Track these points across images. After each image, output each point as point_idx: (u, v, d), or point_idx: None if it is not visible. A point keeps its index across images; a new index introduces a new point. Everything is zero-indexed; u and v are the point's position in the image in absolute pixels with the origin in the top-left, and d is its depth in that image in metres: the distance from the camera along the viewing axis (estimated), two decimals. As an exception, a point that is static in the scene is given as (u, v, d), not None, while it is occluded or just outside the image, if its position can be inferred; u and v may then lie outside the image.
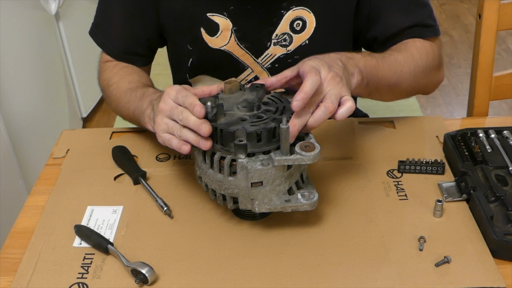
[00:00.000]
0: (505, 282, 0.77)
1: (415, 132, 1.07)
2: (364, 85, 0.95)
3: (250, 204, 0.81)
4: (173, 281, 0.80)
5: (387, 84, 1.01)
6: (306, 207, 0.82)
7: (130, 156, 1.02)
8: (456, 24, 3.36)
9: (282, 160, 0.78)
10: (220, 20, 1.06)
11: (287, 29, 1.07)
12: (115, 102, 1.08)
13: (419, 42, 1.08)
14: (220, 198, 0.83)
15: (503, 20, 1.19)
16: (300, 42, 1.08)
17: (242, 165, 0.78)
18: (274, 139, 0.79)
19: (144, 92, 1.00)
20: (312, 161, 0.78)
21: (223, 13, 1.06)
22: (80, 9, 2.37)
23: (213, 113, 0.79)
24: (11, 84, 1.81)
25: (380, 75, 0.99)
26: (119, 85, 1.08)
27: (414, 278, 0.78)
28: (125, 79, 1.08)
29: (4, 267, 0.83)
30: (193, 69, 1.14)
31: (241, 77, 1.12)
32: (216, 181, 0.81)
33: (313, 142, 0.80)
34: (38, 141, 1.94)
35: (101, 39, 1.14)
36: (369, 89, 0.98)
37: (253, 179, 0.78)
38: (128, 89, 1.05)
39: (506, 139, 0.99)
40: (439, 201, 0.87)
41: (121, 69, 1.12)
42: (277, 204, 0.81)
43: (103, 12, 1.14)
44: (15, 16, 1.87)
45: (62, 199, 0.95)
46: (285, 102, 0.84)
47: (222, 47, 1.09)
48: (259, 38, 1.08)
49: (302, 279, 0.79)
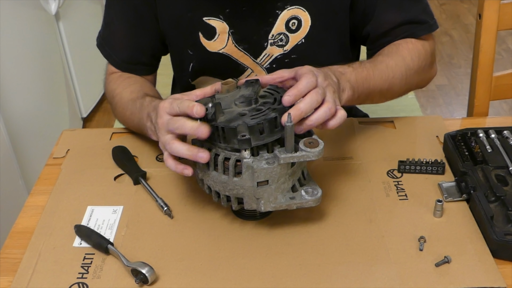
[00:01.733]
0: (505, 282, 0.77)
1: (415, 132, 1.07)
2: (355, 98, 0.97)
3: (255, 203, 0.81)
4: (173, 281, 0.80)
5: (378, 91, 1.03)
6: (311, 203, 0.82)
7: (130, 156, 1.02)
8: (456, 24, 3.36)
9: (288, 158, 0.78)
10: (216, 23, 1.06)
11: (283, 28, 1.07)
12: (120, 114, 1.09)
13: (411, 43, 1.07)
14: (224, 200, 0.83)
15: (503, 20, 1.19)
16: (296, 41, 1.08)
17: (248, 165, 0.78)
18: (277, 129, 0.78)
19: (142, 103, 0.99)
20: (317, 157, 0.78)
21: (219, 17, 1.06)
22: (80, 9, 2.37)
23: (212, 112, 0.79)
24: (11, 84, 1.81)
25: (371, 85, 1.00)
26: (122, 96, 1.08)
27: (414, 278, 0.78)
28: (127, 89, 1.08)
29: (4, 267, 0.83)
30: (194, 74, 1.14)
31: (242, 78, 1.12)
32: (220, 182, 0.81)
33: (316, 138, 0.80)
34: (38, 141, 1.93)
35: (107, 50, 1.15)
36: (360, 100, 1.01)
37: (259, 178, 0.78)
38: (130, 100, 1.05)
39: (506, 139, 0.99)
40: (439, 201, 0.87)
41: (124, 80, 1.12)
42: (282, 202, 0.81)
43: (107, 24, 1.15)
44: (15, 16, 1.87)
45: (62, 199, 0.95)
46: (282, 92, 0.83)
47: (220, 50, 1.09)
48: (256, 39, 1.08)
49: (302, 279, 0.79)
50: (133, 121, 1.03)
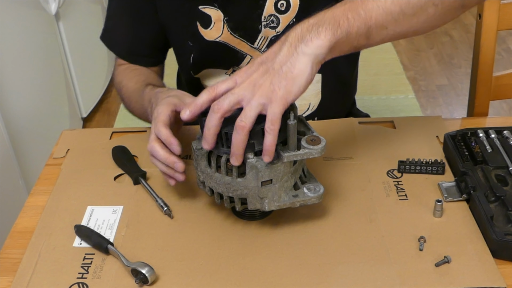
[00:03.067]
0: (505, 282, 0.77)
1: (415, 132, 1.07)
2: (344, 38, 0.76)
3: (259, 203, 0.81)
4: (173, 281, 0.80)
5: (385, 18, 0.78)
6: (314, 200, 0.82)
7: (130, 156, 1.02)
8: (456, 24, 3.36)
9: (291, 156, 0.78)
10: (212, 11, 1.07)
11: (273, 10, 1.06)
12: (127, 103, 1.13)
13: None
14: (228, 201, 0.83)
15: (503, 20, 1.19)
16: (288, 22, 1.07)
17: (252, 165, 0.78)
18: (278, 134, 0.78)
19: (144, 91, 1.03)
20: (320, 153, 0.78)
21: (214, 5, 1.06)
22: (80, 9, 2.37)
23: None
24: (11, 84, 1.81)
25: (367, 14, 0.77)
26: (128, 86, 1.11)
27: (414, 278, 0.78)
28: (133, 80, 1.11)
29: (4, 267, 0.83)
30: (195, 66, 1.15)
31: (243, 65, 1.12)
32: (223, 184, 0.81)
33: (317, 135, 0.80)
34: (38, 141, 1.94)
35: (110, 42, 1.19)
36: (360, 36, 0.77)
37: (263, 178, 0.78)
38: (134, 89, 1.08)
39: (506, 139, 0.99)
40: (439, 201, 0.87)
41: (131, 71, 1.15)
42: (286, 200, 0.81)
43: (110, 16, 1.18)
44: (15, 16, 1.87)
45: (62, 199, 0.95)
46: None
47: (217, 39, 1.09)
48: (250, 24, 1.08)
49: (302, 279, 0.79)
50: (138, 109, 1.07)
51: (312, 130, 0.82)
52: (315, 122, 1.12)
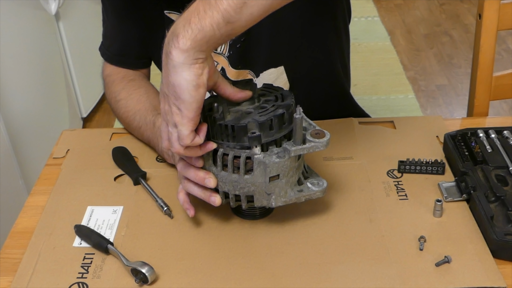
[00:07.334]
0: (505, 282, 0.77)
1: (415, 132, 1.07)
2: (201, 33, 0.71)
3: (266, 200, 0.81)
4: (173, 281, 0.80)
5: None
6: (319, 194, 0.83)
7: (130, 156, 1.02)
8: (456, 24, 3.36)
9: (298, 150, 0.78)
10: (176, 17, 1.06)
11: None
12: (125, 121, 1.09)
13: None
14: (233, 200, 0.83)
15: (503, 20, 1.19)
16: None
17: (259, 161, 0.78)
18: (284, 125, 0.79)
19: (154, 123, 1.01)
20: (325, 147, 0.79)
21: (179, 11, 1.05)
22: (80, 9, 2.37)
23: (220, 111, 0.79)
24: (11, 84, 1.81)
25: None
26: (128, 103, 1.08)
27: (414, 277, 0.78)
28: (133, 97, 1.08)
29: (4, 267, 0.83)
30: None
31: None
32: (230, 182, 0.81)
33: (321, 129, 0.81)
34: (38, 141, 1.94)
35: (102, 49, 1.17)
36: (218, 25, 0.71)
37: (271, 173, 0.78)
38: (137, 110, 1.05)
39: (506, 139, 0.99)
40: (439, 201, 0.87)
41: (128, 83, 1.12)
42: (292, 195, 0.82)
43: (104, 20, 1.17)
44: (15, 16, 1.87)
45: (62, 199, 0.95)
46: (280, 89, 0.84)
47: None
48: None
49: (302, 279, 0.79)
50: (142, 134, 1.04)
51: (314, 125, 0.82)
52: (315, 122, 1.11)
